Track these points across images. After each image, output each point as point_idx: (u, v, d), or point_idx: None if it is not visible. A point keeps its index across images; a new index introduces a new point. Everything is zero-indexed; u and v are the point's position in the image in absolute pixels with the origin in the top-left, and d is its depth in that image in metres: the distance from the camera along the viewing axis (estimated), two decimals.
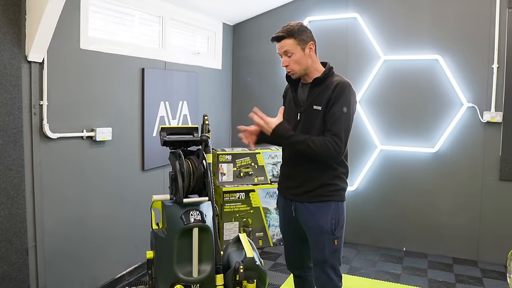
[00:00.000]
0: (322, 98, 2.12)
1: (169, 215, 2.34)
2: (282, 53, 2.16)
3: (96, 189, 3.04)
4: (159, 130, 2.49)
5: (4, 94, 2.35)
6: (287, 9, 4.50)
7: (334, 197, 2.20)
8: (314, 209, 2.19)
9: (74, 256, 2.89)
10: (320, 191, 2.19)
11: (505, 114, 3.76)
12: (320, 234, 2.18)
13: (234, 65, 4.89)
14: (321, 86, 2.15)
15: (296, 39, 2.13)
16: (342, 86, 2.10)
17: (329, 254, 2.19)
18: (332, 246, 2.19)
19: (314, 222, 2.19)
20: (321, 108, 2.12)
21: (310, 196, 2.20)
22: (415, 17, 4.05)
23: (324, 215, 2.18)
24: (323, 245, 2.19)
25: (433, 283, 3.49)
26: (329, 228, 2.17)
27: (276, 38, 2.17)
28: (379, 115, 4.23)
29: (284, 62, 2.17)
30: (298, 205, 2.24)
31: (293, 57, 2.14)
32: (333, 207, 2.19)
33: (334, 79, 2.15)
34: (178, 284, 2.27)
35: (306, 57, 2.16)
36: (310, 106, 2.16)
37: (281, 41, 2.15)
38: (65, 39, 2.72)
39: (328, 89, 2.11)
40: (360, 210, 4.25)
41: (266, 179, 4.35)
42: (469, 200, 3.95)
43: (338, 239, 2.20)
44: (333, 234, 2.18)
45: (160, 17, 3.71)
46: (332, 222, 2.18)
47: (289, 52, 2.13)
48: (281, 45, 2.15)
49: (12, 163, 2.42)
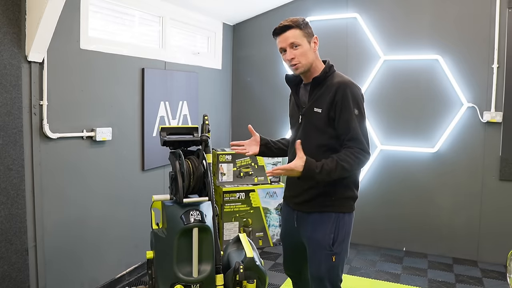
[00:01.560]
0: (323, 100, 1.99)
1: (169, 215, 2.34)
2: (288, 45, 2.00)
3: (96, 189, 3.04)
4: (159, 130, 2.49)
5: (4, 94, 2.35)
6: (287, 9, 4.50)
7: (334, 207, 2.03)
8: (313, 220, 2.05)
9: (74, 256, 2.89)
10: (319, 200, 2.03)
11: (505, 114, 3.76)
12: (317, 249, 2.02)
13: (234, 65, 4.89)
14: (321, 87, 2.02)
15: (302, 31, 2.00)
16: (344, 88, 1.96)
17: (326, 271, 2.01)
18: (329, 263, 2.00)
19: (311, 235, 2.04)
20: (321, 111, 1.99)
21: (309, 206, 2.06)
22: (415, 17, 4.05)
23: (322, 227, 2.01)
24: (319, 260, 2.02)
25: (433, 283, 3.48)
26: (326, 243, 2.00)
27: (281, 28, 2.00)
28: (379, 115, 4.23)
29: (289, 54, 2.00)
30: (300, 215, 2.11)
31: (299, 49, 1.99)
32: (333, 218, 2.02)
33: (335, 80, 2.01)
34: (178, 284, 2.27)
35: (312, 51, 2.03)
36: (311, 108, 2.03)
37: (286, 32, 1.99)
38: (65, 39, 2.72)
39: (330, 91, 1.98)
40: (360, 210, 4.19)
41: (266, 179, 4.35)
42: (469, 200, 3.95)
43: (336, 256, 2.01)
44: (331, 249, 2.00)
45: (160, 17, 3.71)
46: (331, 236, 2.00)
47: (295, 43, 1.99)
48: (287, 36, 1.99)
49: (12, 163, 2.42)
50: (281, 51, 2.06)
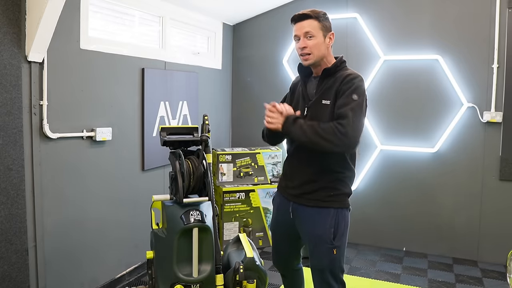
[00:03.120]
0: (331, 92, 1.99)
1: (169, 215, 2.34)
2: (302, 34, 2.00)
3: (96, 189, 3.04)
4: (159, 130, 2.49)
5: (4, 94, 2.35)
6: (287, 9, 4.50)
7: (333, 203, 2.05)
8: (312, 215, 2.06)
9: (74, 256, 2.89)
10: (318, 194, 2.05)
11: (505, 114, 3.76)
12: (318, 244, 2.05)
13: (234, 65, 4.89)
14: (330, 80, 2.02)
15: (320, 23, 2.01)
16: (350, 79, 1.97)
17: (327, 264, 2.05)
18: (331, 256, 2.04)
19: (311, 230, 2.07)
20: (329, 103, 1.98)
21: (308, 199, 2.07)
22: (415, 17, 4.05)
23: (322, 223, 2.04)
24: (321, 254, 2.05)
25: (433, 283, 3.49)
26: (327, 238, 2.03)
27: (300, 16, 2.01)
28: (379, 115, 4.23)
29: (301, 43, 2.00)
30: (296, 206, 2.13)
31: (313, 40, 2.00)
32: (332, 214, 2.04)
33: (345, 72, 2.02)
34: (178, 284, 2.27)
35: (325, 45, 2.04)
36: (319, 100, 2.02)
37: (304, 20, 1.99)
38: (65, 39, 2.72)
39: (337, 82, 1.99)
40: (360, 210, 4.24)
41: (266, 179, 4.35)
42: (469, 200, 3.95)
43: (337, 248, 2.04)
44: (332, 243, 2.03)
45: (160, 17, 3.71)
46: (331, 231, 2.03)
47: (310, 33, 1.99)
48: (303, 25, 2.00)
49: (12, 163, 2.42)
50: (295, 39, 2.06)
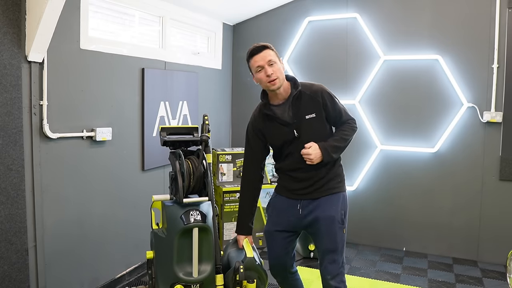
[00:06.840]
0: (311, 107, 2.28)
1: (169, 215, 2.34)
2: (266, 63, 2.22)
3: (96, 189, 3.04)
4: (159, 130, 2.49)
5: (4, 94, 2.35)
6: (287, 9, 4.50)
7: (340, 188, 2.36)
8: (325, 201, 2.31)
9: (74, 256, 2.89)
10: (329, 185, 2.33)
11: (505, 114, 3.76)
12: (331, 224, 2.29)
13: (234, 65, 4.89)
14: (302, 99, 2.28)
15: (274, 52, 2.27)
16: (325, 92, 2.31)
17: (339, 242, 2.31)
18: (341, 235, 2.32)
19: (325, 214, 2.29)
20: (315, 115, 2.28)
21: (319, 192, 2.32)
22: (415, 17, 4.05)
23: (334, 206, 2.31)
24: (335, 234, 2.30)
25: (433, 283, 3.49)
26: (339, 218, 2.31)
27: (258, 48, 2.23)
28: (379, 115, 4.23)
29: (268, 70, 2.21)
30: (307, 202, 2.33)
31: (275, 66, 2.23)
32: (341, 198, 2.34)
33: (313, 88, 2.30)
34: (178, 284, 2.27)
35: (282, 70, 2.29)
36: (302, 117, 2.27)
37: (263, 51, 2.23)
38: (65, 39, 2.72)
39: (316, 98, 2.28)
40: (360, 210, 4.25)
41: (266, 179, 4.35)
42: (469, 200, 3.95)
43: (345, 228, 2.35)
44: (342, 223, 2.32)
45: (160, 17, 3.71)
46: (342, 212, 2.32)
47: (272, 61, 2.23)
48: (265, 55, 2.23)
49: (12, 163, 2.42)
50: (258, 69, 2.25)
